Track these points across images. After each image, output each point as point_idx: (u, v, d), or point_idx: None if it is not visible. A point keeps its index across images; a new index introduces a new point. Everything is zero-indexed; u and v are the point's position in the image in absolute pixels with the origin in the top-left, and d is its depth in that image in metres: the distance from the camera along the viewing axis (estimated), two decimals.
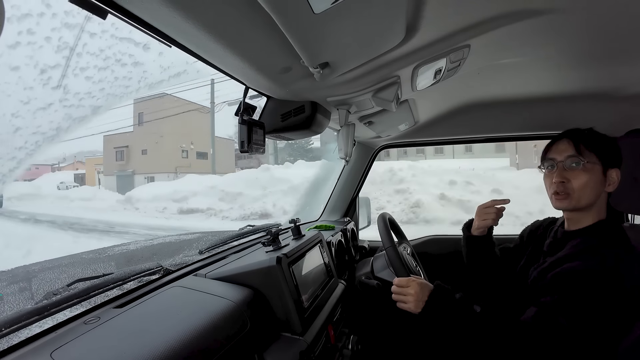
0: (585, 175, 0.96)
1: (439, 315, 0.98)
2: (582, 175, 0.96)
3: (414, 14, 0.72)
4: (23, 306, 0.72)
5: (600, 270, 0.85)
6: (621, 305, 0.84)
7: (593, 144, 0.97)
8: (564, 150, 1.00)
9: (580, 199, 0.97)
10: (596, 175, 0.96)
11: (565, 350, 0.85)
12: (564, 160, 0.99)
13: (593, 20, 0.82)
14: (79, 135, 16.76)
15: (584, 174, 0.96)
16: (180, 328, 0.69)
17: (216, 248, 1.27)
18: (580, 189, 0.97)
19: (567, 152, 0.99)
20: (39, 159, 26.07)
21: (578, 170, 0.97)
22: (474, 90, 1.44)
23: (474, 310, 0.96)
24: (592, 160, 0.96)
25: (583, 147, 0.97)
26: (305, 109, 1.07)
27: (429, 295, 1.00)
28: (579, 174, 0.97)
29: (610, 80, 1.26)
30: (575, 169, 0.97)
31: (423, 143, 2.04)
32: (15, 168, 0.82)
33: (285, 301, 0.95)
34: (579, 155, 0.96)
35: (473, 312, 0.96)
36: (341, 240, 1.71)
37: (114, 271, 0.90)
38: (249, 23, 0.61)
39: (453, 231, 2.14)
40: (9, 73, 0.80)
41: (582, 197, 0.97)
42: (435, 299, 1.00)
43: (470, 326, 0.95)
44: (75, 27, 0.77)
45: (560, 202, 1.00)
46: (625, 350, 0.84)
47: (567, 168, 0.98)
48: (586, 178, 0.96)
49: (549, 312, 0.88)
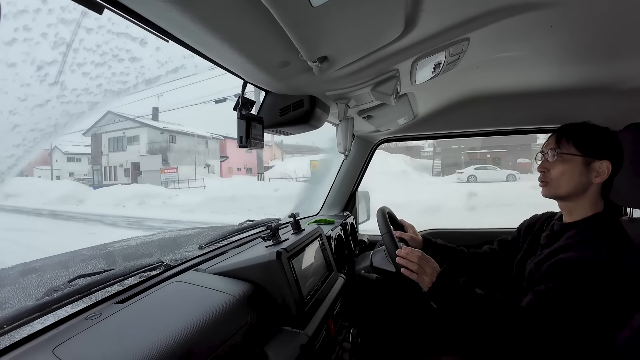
0: (561, 166, 1.04)
1: (445, 294, 1.02)
2: (559, 165, 1.04)
3: (413, 7, 0.72)
4: (24, 303, 0.72)
5: (595, 261, 0.87)
6: (617, 295, 0.86)
7: (575, 136, 1.03)
8: (549, 143, 1.09)
9: (559, 187, 1.05)
10: (574, 166, 1.02)
11: (558, 338, 0.87)
12: (547, 152, 1.08)
13: (593, 13, 0.81)
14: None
15: (561, 164, 1.04)
16: (181, 323, 0.70)
17: (216, 243, 1.27)
18: (556, 178, 1.05)
19: (550, 145, 1.08)
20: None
21: (556, 161, 1.05)
22: (474, 83, 1.44)
23: (476, 293, 1.01)
24: (571, 151, 1.02)
25: (564, 140, 1.04)
26: (304, 103, 1.07)
27: (438, 275, 1.05)
28: (555, 164, 1.05)
29: (610, 73, 1.25)
30: (554, 160, 1.05)
31: (422, 137, 2.03)
32: (13, 165, 0.82)
33: (285, 295, 0.95)
34: (557, 148, 1.04)
35: (476, 294, 1.00)
36: (341, 235, 1.71)
37: (115, 267, 0.91)
38: (247, 17, 0.60)
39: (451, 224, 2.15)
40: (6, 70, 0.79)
41: (559, 185, 1.04)
42: (443, 277, 1.04)
43: (472, 307, 0.98)
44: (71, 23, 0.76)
45: (542, 189, 1.10)
46: (625, 340, 0.85)
47: (548, 159, 1.07)
48: (562, 168, 1.03)
49: (542, 300, 0.90)
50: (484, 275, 1.38)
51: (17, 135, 0.82)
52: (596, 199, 1.03)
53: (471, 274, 1.39)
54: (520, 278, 1.11)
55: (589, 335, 0.88)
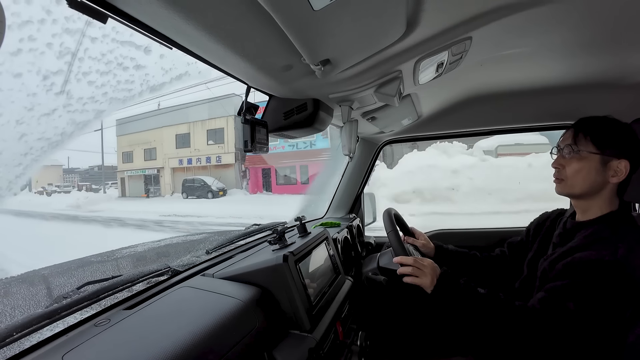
0: (577, 164, 1.00)
1: (448, 294, 1.02)
2: (575, 163, 1.00)
3: (414, 8, 0.71)
4: (34, 310, 0.73)
5: (612, 261, 0.85)
6: (631, 296, 0.84)
7: (593, 132, 0.98)
8: (566, 138, 1.04)
9: (574, 186, 1.01)
10: (591, 164, 0.98)
11: (570, 336, 0.85)
12: (563, 148, 1.03)
13: (596, 7, 0.81)
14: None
15: (577, 162, 1.00)
16: (189, 328, 0.70)
17: (223, 248, 1.28)
18: (572, 176, 1.01)
19: (567, 140, 1.03)
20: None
21: (572, 158, 1.00)
22: (477, 82, 1.43)
23: (479, 292, 1.00)
24: (589, 149, 0.98)
25: (582, 136, 1.00)
26: (307, 106, 1.07)
27: (439, 276, 1.05)
28: (571, 161, 1.01)
29: (616, 67, 1.24)
30: (571, 157, 1.01)
31: (427, 137, 2.02)
32: (21, 174, 0.83)
33: (293, 299, 0.95)
34: (575, 144, 1.00)
35: (478, 293, 0.99)
36: (347, 237, 1.71)
37: (123, 273, 0.91)
38: (249, 22, 0.61)
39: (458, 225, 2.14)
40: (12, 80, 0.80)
41: (575, 184, 1.01)
42: (445, 279, 1.04)
43: (476, 306, 0.97)
44: (76, 32, 0.77)
45: (556, 186, 1.06)
46: (636, 338, 0.84)
47: (564, 156, 1.02)
48: (578, 166, 0.99)
49: (557, 297, 0.88)
50: (497, 278, 1.36)
51: (25, 144, 0.83)
52: (612, 198, 1.00)
53: (485, 278, 1.37)
54: (532, 278, 1.09)
55: (601, 334, 0.87)
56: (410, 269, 1.07)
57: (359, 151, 2.00)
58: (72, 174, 42.18)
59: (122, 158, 26.82)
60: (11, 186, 0.81)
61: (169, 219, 12.97)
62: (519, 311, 0.92)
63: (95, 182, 35.20)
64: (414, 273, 1.07)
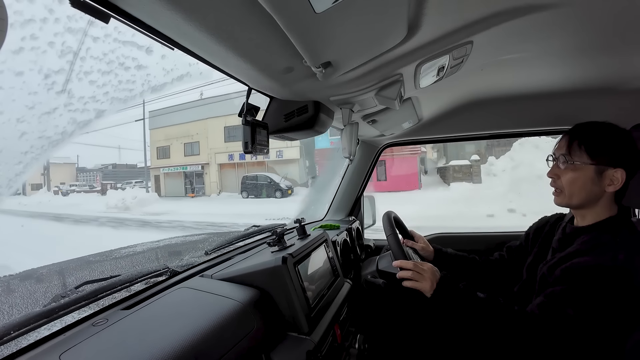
0: (572, 174, 0.98)
1: (448, 299, 1.01)
2: (570, 173, 0.99)
3: (416, 12, 0.72)
4: (31, 309, 0.73)
5: (612, 267, 0.84)
6: (630, 302, 0.84)
7: (587, 141, 0.97)
8: (561, 147, 1.02)
9: (572, 197, 1.00)
10: (587, 174, 0.96)
11: (569, 342, 0.85)
12: (558, 157, 1.02)
13: (597, 12, 0.81)
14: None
15: (572, 172, 0.98)
16: (187, 329, 0.70)
17: (222, 249, 1.28)
18: (568, 187, 0.99)
19: (561, 149, 1.01)
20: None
21: (567, 169, 0.99)
22: (478, 86, 1.43)
23: (478, 297, 0.99)
24: (583, 160, 0.96)
25: (576, 145, 0.98)
26: (308, 108, 1.07)
27: (438, 280, 1.05)
28: (566, 172, 1.00)
29: (615, 73, 1.24)
30: (566, 167, 0.99)
31: (427, 141, 2.02)
32: (21, 172, 0.83)
33: (291, 301, 0.95)
34: (569, 154, 0.98)
35: (478, 297, 0.99)
36: (346, 240, 1.71)
37: (121, 273, 0.91)
38: (251, 24, 0.61)
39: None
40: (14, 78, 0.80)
41: (572, 195, 1.00)
42: (444, 283, 1.04)
43: (476, 310, 0.97)
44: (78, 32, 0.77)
45: (555, 198, 1.05)
46: (634, 343, 0.84)
47: (560, 165, 1.01)
48: (573, 177, 0.98)
49: (556, 302, 0.88)
50: (495, 282, 1.36)
51: (25, 142, 0.83)
52: (610, 204, 1.00)
53: (483, 282, 1.37)
54: (531, 282, 1.09)
55: (600, 340, 0.86)
56: (410, 273, 1.07)
57: (359, 154, 2.01)
58: (84, 173, 41.68)
59: (156, 153, 24.44)
60: (11, 184, 0.81)
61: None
62: (518, 316, 0.92)
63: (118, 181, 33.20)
64: (414, 277, 1.07)
